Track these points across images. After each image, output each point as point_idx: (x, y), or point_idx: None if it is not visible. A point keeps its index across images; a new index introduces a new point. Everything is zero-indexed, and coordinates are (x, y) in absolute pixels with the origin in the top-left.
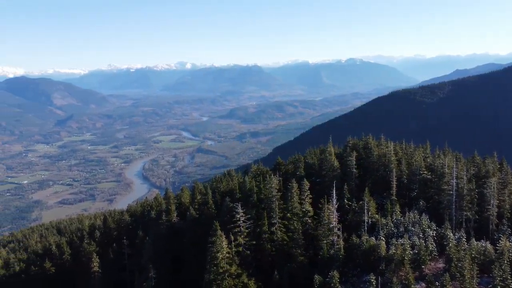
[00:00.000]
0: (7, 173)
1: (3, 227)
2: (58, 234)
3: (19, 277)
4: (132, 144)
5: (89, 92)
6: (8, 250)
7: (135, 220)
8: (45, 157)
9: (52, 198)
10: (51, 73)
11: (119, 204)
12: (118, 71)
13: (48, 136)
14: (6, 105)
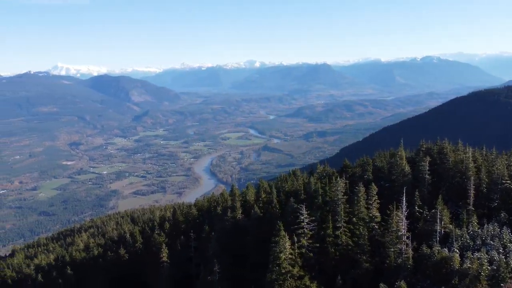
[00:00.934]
0: (89, 164)
1: (85, 212)
2: (132, 222)
3: (97, 261)
4: (201, 140)
5: (163, 90)
6: (88, 234)
7: (202, 214)
8: (122, 150)
9: (127, 189)
10: (130, 72)
11: (188, 198)
12: (190, 69)
13: (126, 130)
14: (90, 101)
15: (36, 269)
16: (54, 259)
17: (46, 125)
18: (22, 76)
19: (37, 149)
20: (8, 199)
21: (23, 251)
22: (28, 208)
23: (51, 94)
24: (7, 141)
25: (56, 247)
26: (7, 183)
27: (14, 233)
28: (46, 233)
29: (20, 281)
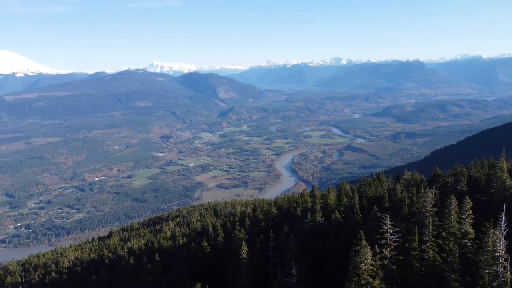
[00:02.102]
0: (178, 156)
1: (172, 202)
2: (214, 215)
3: (182, 251)
4: (283, 137)
5: (248, 87)
6: (175, 223)
7: (282, 214)
8: (208, 144)
9: (211, 181)
10: (218, 69)
11: (268, 194)
12: (275, 67)
13: (212, 125)
14: (181, 97)
15: (129, 252)
16: (144, 244)
17: (142, 119)
18: (122, 73)
19: (133, 141)
20: (107, 185)
21: (118, 234)
22: (124, 194)
23: (147, 90)
24: (109, 132)
25: (146, 233)
26: (107, 170)
27: (112, 216)
28: (138, 218)
29: (115, 261)
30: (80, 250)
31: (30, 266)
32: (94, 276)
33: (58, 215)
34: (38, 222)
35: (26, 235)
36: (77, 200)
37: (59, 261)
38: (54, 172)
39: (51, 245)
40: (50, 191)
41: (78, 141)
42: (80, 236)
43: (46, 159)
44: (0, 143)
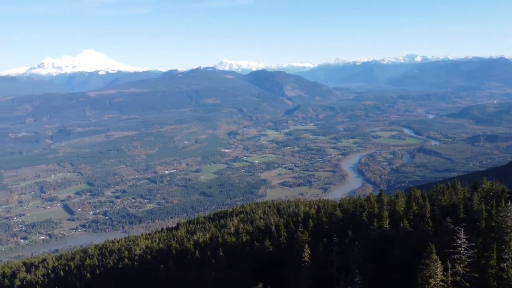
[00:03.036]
0: (244, 153)
1: (237, 197)
2: (278, 214)
3: (245, 248)
4: (350, 137)
5: (316, 85)
6: (238, 219)
7: (346, 217)
8: (273, 142)
9: (275, 179)
10: (285, 67)
11: (333, 194)
12: (344, 65)
13: (278, 123)
14: (248, 94)
15: (195, 244)
16: (209, 238)
17: (210, 115)
18: (194, 71)
19: (201, 136)
20: (177, 178)
21: (185, 226)
22: (191, 187)
23: (216, 87)
24: (179, 128)
25: (211, 227)
26: (177, 164)
27: (179, 208)
28: (204, 212)
29: (182, 253)
30: (150, 239)
31: (106, 251)
32: (162, 265)
33: (132, 204)
34: (114, 210)
35: (103, 221)
36: (148, 191)
37: (131, 248)
38: (129, 163)
39: (125, 232)
40: (125, 181)
41: (151, 136)
42: (151, 225)
43: (123, 151)
44: (84, 136)
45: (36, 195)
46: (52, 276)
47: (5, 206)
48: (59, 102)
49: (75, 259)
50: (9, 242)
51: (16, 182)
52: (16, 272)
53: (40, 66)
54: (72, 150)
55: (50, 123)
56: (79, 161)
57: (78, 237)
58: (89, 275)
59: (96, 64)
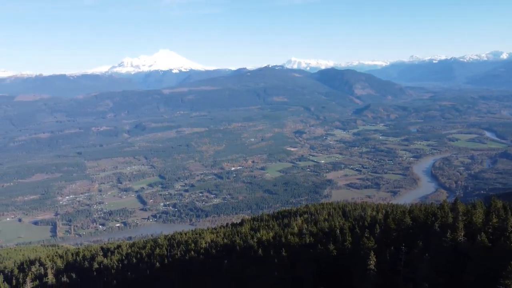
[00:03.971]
0: (310, 152)
1: (301, 196)
2: (343, 216)
3: (308, 250)
4: (424, 139)
5: (388, 83)
6: (302, 219)
7: (416, 225)
8: (340, 141)
9: (341, 180)
10: (356, 65)
11: (402, 198)
12: (420, 63)
13: (346, 123)
14: (316, 93)
15: (258, 242)
16: (272, 237)
17: (277, 114)
18: (262, 70)
19: (268, 134)
20: (242, 175)
21: (249, 223)
22: (256, 184)
23: (284, 86)
24: (246, 125)
25: (275, 226)
26: (243, 161)
27: (244, 204)
28: (268, 209)
29: (245, 249)
30: (216, 234)
31: (174, 242)
32: (226, 261)
33: (199, 198)
34: (183, 203)
35: (172, 213)
36: (215, 186)
37: (198, 241)
38: (198, 159)
39: (192, 225)
40: (194, 176)
41: (219, 132)
42: (216, 220)
43: (192, 147)
44: (157, 131)
45: (113, 185)
46: (125, 262)
47: (87, 194)
48: (136, 99)
49: (146, 248)
50: (89, 227)
51: (97, 172)
52: (94, 256)
53: (121, 65)
54: (146, 144)
55: (128, 118)
56: (152, 155)
57: (149, 226)
58: (158, 264)
59: (170, 63)
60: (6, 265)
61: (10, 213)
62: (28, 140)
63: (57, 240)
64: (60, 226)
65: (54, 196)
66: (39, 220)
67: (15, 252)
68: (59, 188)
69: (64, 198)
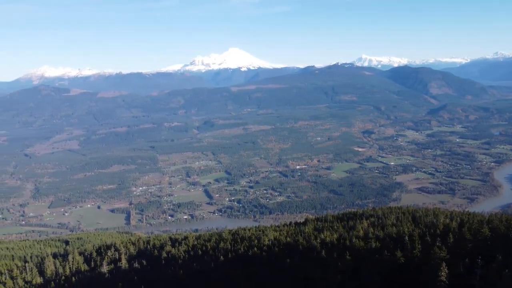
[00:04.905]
0: (378, 153)
1: (368, 199)
2: (413, 222)
3: (373, 256)
4: (508, 142)
5: (467, 82)
6: (368, 223)
7: (495, 237)
8: (412, 143)
9: (412, 183)
10: (432, 62)
11: (480, 206)
12: (505, 60)
13: (419, 123)
14: (387, 92)
15: (321, 243)
16: (336, 239)
17: (345, 113)
18: (330, 68)
19: (335, 134)
20: (307, 174)
21: (313, 223)
22: (321, 184)
23: (353, 84)
24: (313, 124)
25: (339, 227)
26: (308, 160)
27: (308, 204)
28: (332, 210)
29: (308, 250)
30: (279, 232)
31: (238, 237)
32: (289, 260)
33: (263, 195)
34: (247, 199)
35: (237, 209)
36: (279, 184)
37: (261, 238)
38: (263, 156)
39: (256, 221)
40: (259, 173)
41: (285, 130)
42: (280, 217)
43: (258, 144)
44: (225, 128)
45: (182, 179)
46: (191, 253)
47: (158, 186)
48: (205, 96)
49: (211, 241)
50: (160, 217)
51: (168, 166)
52: (163, 245)
53: (192, 63)
54: (214, 141)
55: (197, 115)
56: (219, 150)
57: (215, 220)
58: (222, 257)
59: (239, 61)
60: (86, 248)
61: (91, 200)
62: (108, 134)
63: (130, 228)
64: (134, 215)
65: (129, 187)
66: (115, 208)
67: (94, 237)
68: (133, 179)
69: (137, 189)
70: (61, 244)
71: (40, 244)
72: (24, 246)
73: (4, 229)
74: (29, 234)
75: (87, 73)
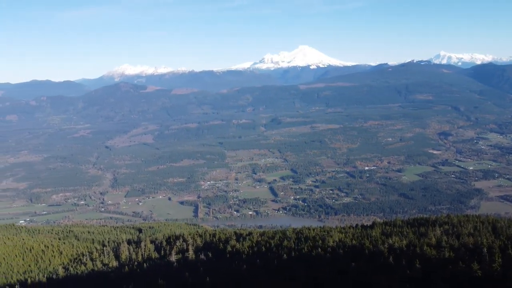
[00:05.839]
0: (456, 156)
1: (442, 205)
2: (493, 233)
3: (446, 266)
4: None
5: None
6: (442, 231)
7: None
8: (496, 147)
9: (493, 191)
10: None
11: None
12: None
13: (504, 126)
14: (468, 91)
15: (389, 249)
16: (406, 245)
17: (419, 113)
18: (405, 65)
19: (407, 134)
20: (376, 175)
21: (381, 227)
22: (391, 187)
23: (429, 83)
24: (383, 124)
25: (409, 233)
26: (377, 161)
27: (376, 207)
28: (402, 215)
29: (374, 254)
30: (344, 233)
31: (302, 236)
32: (354, 263)
33: (329, 195)
34: (312, 198)
35: (301, 207)
36: (346, 185)
37: (326, 239)
38: (330, 156)
39: (320, 221)
40: (325, 172)
41: (354, 130)
42: (345, 219)
43: (325, 143)
44: (292, 126)
45: (248, 175)
46: (255, 249)
47: (225, 181)
48: (273, 94)
49: (275, 238)
50: (225, 212)
51: (235, 162)
52: (228, 239)
53: (261, 61)
54: (281, 138)
55: (265, 112)
56: (285, 148)
57: (279, 218)
58: (286, 256)
59: (308, 59)
60: (157, 237)
61: (162, 192)
62: (180, 129)
63: (198, 220)
64: (201, 208)
65: (197, 181)
66: (184, 201)
67: (164, 227)
68: (202, 174)
69: (205, 183)
70: (135, 231)
71: (116, 230)
72: (103, 231)
73: (86, 215)
74: (107, 221)
75: (162, 71)
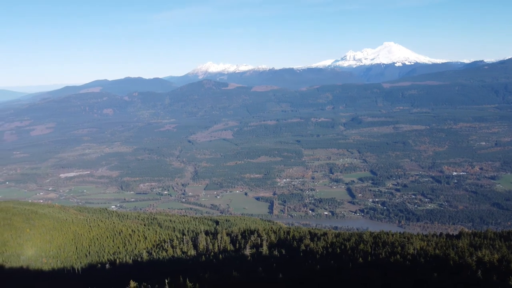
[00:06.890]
0: None
1: None
2: None
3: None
4: None
5: None
6: None
7: None
8: None
9: None
10: None
11: None
12: None
13: None
14: None
15: (478, 262)
16: (497, 260)
17: None
18: (504, 62)
19: (504, 139)
20: (466, 182)
21: (469, 237)
22: (482, 195)
23: None
24: (476, 126)
25: (502, 247)
26: (468, 166)
27: (464, 216)
28: (494, 226)
29: (460, 267)
30: (426, 242)
31: (380, 241)
32: (436, 274)
33: (411, 200)
34: (392, 202)
35: (380, 211)
36: (431, 190)
37: (405, 246)
38: (414, 158)
39: (400, 227)
40: (407, 176)
41: (442, 132)
42: (429, 226)
43: (409, 145)
44: (373, 125)
45: (325, 174)
46: (329, 250)
47: (301, 180)
48: (354, 92)
49: (351, 241)
50: (300, 210)
51: (312, 160)
52: (302, 238)
53: (343, 58)
54: (361, 138)
55: (345, 111)
56: (365, 149)
57: (356, 220)
58: (361, 259)
59: (393, 56)
60: (233, 230)
61: (239, 187)
62: (258, 126)
63: (272, 217)
64: (276, 205)
65: (273, 177)
66: (260, 197)
67: (240, 221)
68: (278, 171)
69: (281, 180)
70: (212, 223)
71: (195, 221)
72: (183, 220)
73: (169, 204)
74: (187, 211)
75: (243, 69)
